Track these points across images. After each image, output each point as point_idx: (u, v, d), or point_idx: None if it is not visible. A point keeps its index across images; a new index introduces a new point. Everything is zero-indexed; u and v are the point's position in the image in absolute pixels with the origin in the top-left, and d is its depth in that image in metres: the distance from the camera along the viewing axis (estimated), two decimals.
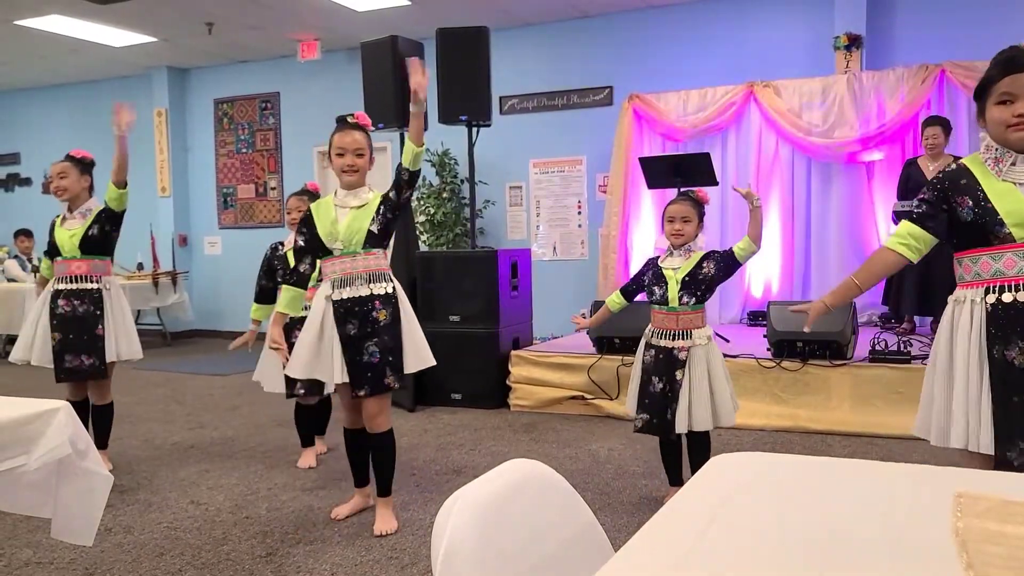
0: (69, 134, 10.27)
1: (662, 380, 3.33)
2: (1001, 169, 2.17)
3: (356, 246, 3.20)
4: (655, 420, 3.35)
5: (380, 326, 3.19)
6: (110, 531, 3.35)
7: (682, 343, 3.32)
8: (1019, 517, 1.12)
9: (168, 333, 9.50)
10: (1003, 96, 2.13)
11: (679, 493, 1.34)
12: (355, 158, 3.22)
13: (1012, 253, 2.14)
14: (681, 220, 3.35)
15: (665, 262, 3.41)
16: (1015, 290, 2.13)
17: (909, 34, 6.83)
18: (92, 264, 4.06)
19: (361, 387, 3.19)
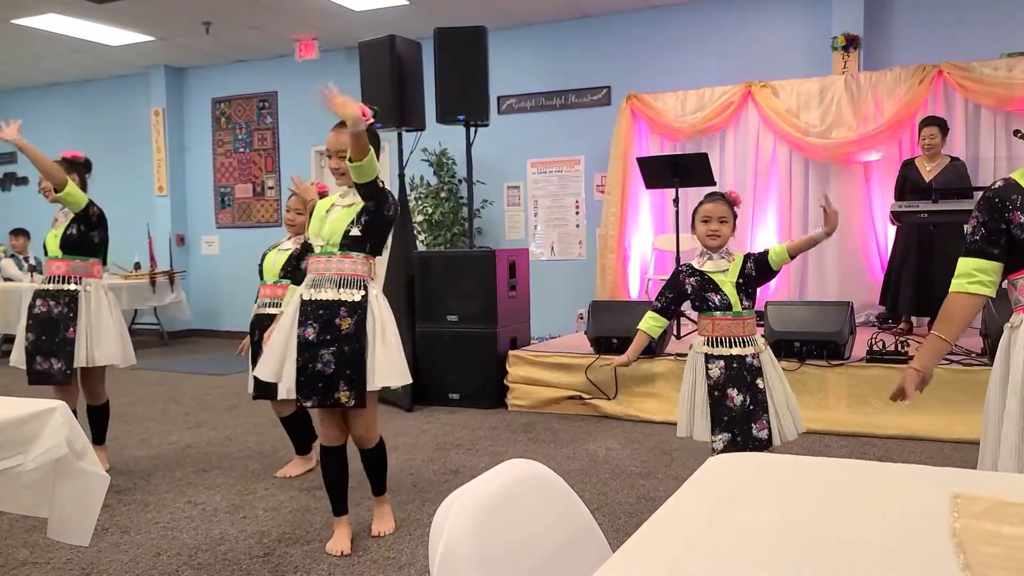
0: (66, 133, 10.25)
1: (742, 392, 3.02)
2: None
3: (333, 246, 3.02)
4: (740, 438, 3.02)
5: (340, 334, 2.95)
6: (107, 531, 3.34)
7: (751, 349, 3.07)
8: (1016, 518, 1.13)
9: (165, 333, 9.49)
10: None
11: (677, 493, 1.34)
12: (338, 160, 3.06)
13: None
14: (718, 220, 3.13)
15: (707, 266, 3.15)
16: None
17: (906, 35, 6.84)
18: (72, 265, 3.98)
19: (308, 397, 2.97)
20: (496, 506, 1.16)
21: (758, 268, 3.13)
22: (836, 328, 4.87)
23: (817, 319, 4.98)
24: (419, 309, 5.85)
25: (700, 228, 3.17)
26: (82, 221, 4.01)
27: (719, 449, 3.02)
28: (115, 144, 9.93)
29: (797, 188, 6.96)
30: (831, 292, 6.64)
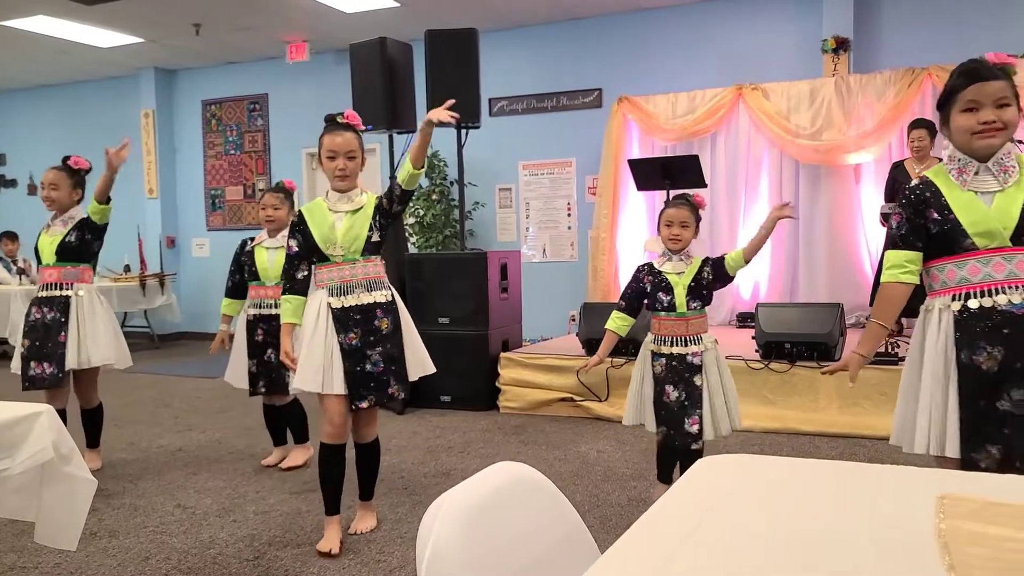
0: (55, 135, 10.21)
1: (678, 388, 3.23)
2: (965, 179, 2.23)
3: (355, 253, 3.11)
4: (673, 431, 3.25)
5: (383, 334, 3.13)
6: (95, 535, 3.32)
7: (694, 348, 3.26)
8: (1001, 518, 1.13)
9: (155, 335, 9.45)
10: (969, 104, 2.19)
11: (667, 495, 1.34)
12: (347, 161, 3.10)
13: (975, 260, 2.20)
14: (680, 225, 3.29)
15: (665, 267, 3.32)
16: (980, 296, 2.19)
17: (896, 38, 6.87)
18: (63, 271, 4.01)
19: (363, 398, 3.10)
20: (484, 509, 1.16)
21: (715, 272, 3.30)
22: (826, 329, 4.89)
23: (807, 321, 5.00)
24: (411, 311, 5.75)
25: (663, 231, 3.34)
26: (89, 230, 4.04)
27: (658, 440, 3.37)
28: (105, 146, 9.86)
29: (788, 190, 6.98)
30: (821, 294, 6.66)
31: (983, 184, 2.21)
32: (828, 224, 6.81)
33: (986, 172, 2.21)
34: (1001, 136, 2.19)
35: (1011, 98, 2.18)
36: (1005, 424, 2.16)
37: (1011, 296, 2.16)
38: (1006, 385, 2.16)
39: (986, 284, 2.18)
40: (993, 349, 2.16)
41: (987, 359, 2.17)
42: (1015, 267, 2.17)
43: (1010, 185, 2.19)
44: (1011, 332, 2.15)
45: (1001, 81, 2.18)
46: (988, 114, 2.17)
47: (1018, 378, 2.15)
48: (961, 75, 2.23)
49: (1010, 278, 2.17)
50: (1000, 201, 2.18)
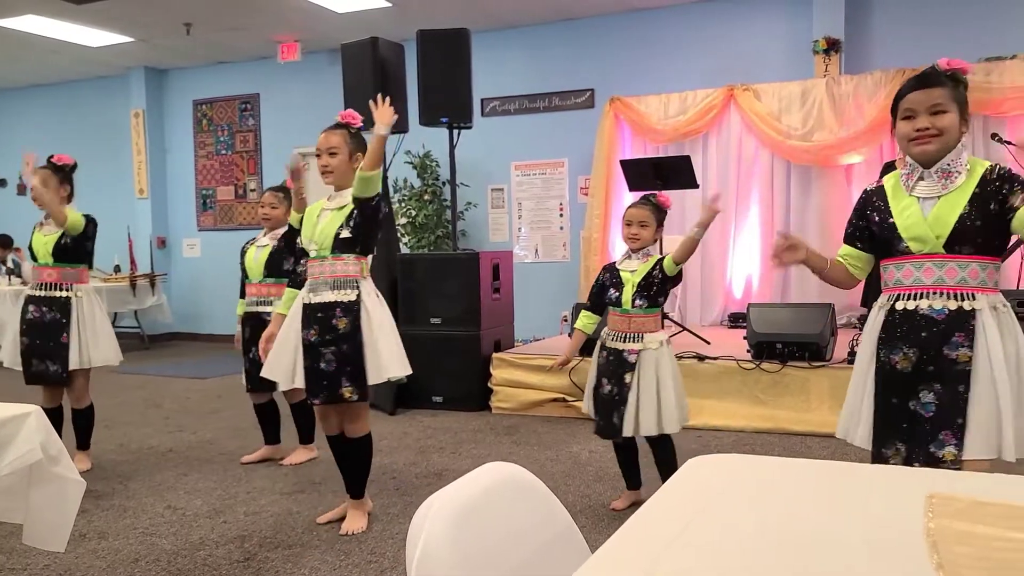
0: (45, 135, 10.15)
1: (611, 382, 3.33)
2: (910, 184, 2.29)
3: (326, 250, 3.19)
4: (603, 423, 3.37)
5: (339, 334, 3.13)
6: (84, 537, 3.31)
7: (632, 346, 3.31)
8: (990, 518, 1.13)
9: (146, 336, 9.41)
10: (906, 111, 2.25)
11: (656, 495, 1.34)
12: (328, 158, 3.20)
13: (910, 264, 2.26)
14: (639, 224, 3.34)
15: (622, 264, 3.41)
16: (907, 299, 2.26)
17: (887, 39, 6.89)
18: (63, 272, 4.09)
19: (315, 395, 3.18)
20: (474, 509, 1.16)
21: (662, 273, 3.33)
22: (818, 330, 4.90)
23: (799, 321, 5.01)
24: (402, 311, 5.83)
25: (624, 231, 3.42)
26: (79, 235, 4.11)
27: (593, 429, 3.49)
28: (95, 146, 9.84)
29: (779, 190, 7.00)
30: (813, 294, 6.67)
31: (925, 190, 2.26)
32: (819, 224, 6.83)
33: (929, 178, 2.25)
34: (936, 143, 2.20)
35: (948, 104, 2.19)
36: (912, 425, 2.24)
37: (933, 301, 2.22)
38: (918, 386, 2.23)
39: (915, 288, 2.25)
40: (909, 350, 2.24)
41: (902, 359, 2.25)
42: (944, 274, 2.21)
43: (951, 191, 2.21)
44: (928, 336, 2.21)
45: (940, 88, 2.20)
46: (922, 121, 2.20)
47: (928, 380, 2.22)
48: (907, 82, 2.29)
49: (937, 284, 2.22)
50: (938, 208, 2.21)
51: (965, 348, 2.18)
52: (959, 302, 2.20)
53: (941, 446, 2.20)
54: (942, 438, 2.20)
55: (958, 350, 2.19)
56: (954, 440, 2.19)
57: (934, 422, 2.20)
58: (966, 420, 2.17)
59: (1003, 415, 2.16)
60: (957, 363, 2.19)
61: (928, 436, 2.21)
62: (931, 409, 2.21)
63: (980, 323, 2.18)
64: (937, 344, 2.20)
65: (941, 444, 2.20)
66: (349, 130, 3.25)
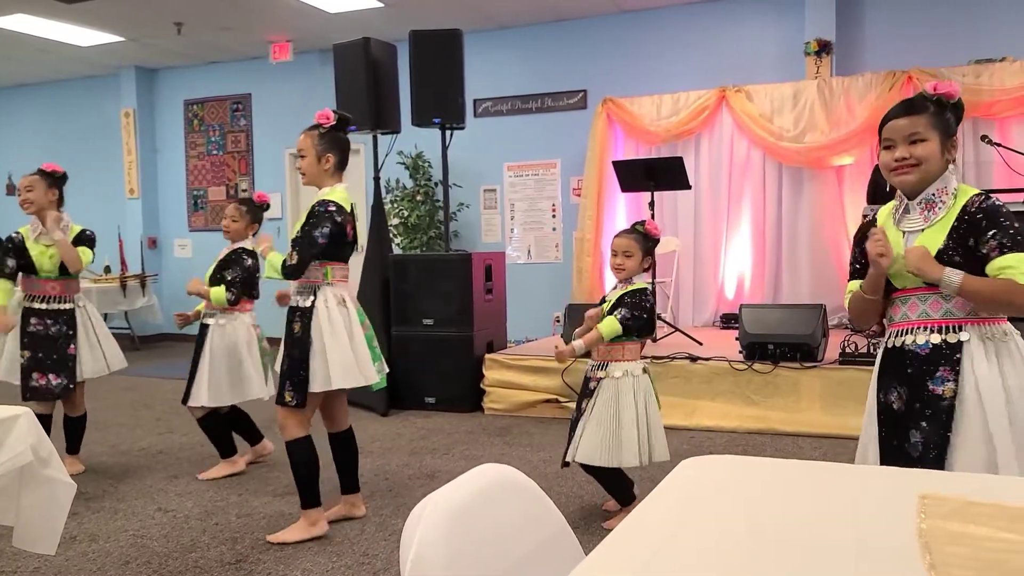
0: (35, 135, 10.12)
1: (577, 408, 3.39)
2: (896, 217, 2.21)
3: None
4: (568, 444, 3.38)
5: (292, 338, 3.17)
6: (75, 539, 3.29)
7: (598, 373, 3.30)
8: (981, 518, 1.14)
9: (136, 337, 9.37)
10: (886, 141, 2.18)
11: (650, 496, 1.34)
12: (300, 161, 3.24)
13: (898, 300, 2.21)
14: (623, 255, 3.30)
15: (609, 294, 3.44)
16: (895, 336, 2.20)
17: (877, 41, 6.93)
18: (66, 284, 4.10)
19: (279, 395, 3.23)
20: (467, 511, 1.16)
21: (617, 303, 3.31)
22: (809, 331, 4.92)
23: (790, 322, 5.03)
24: (395, 312, 5.82)
25: (610, 260, 3.39)
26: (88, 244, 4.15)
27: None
28: (85, 146, 9.80)
29: (771, 192, 7.02)
30: (804, 295, 6.70)
31: (909, 223, 2.17)
32: (811, 226, 6.85)
33: (912, 210, 2.16)
34: (915, 172, 2.11)
35: (928, 132, 2.10)
36: (907, 464, 2.09)
37: (917, 336, 2.14)
38: (908, 424, 2.15)
39: (903, 324, 2.18)
40: (900, 388, 2.17)
41: (896, 399, 2.18)
42: (928, 307, 2.14)
43: (932, 224, 2.12)
44: (913, 372, 2.14)
45: (920, 115, 2.11)
46: (900, 151, 2.12)
47: (917, 419, 2.13)
48: (890, 109, 2.21)
49: (922, 318, 2.14)
50: (917, 243, 2.12)
51: (950, 383, 2.08)
52: (943, 335, 2.11)
53: None
54: None
55: (943, 385, 2.09)
56: None
57: (921, 462, 2.09)
58: (946, 460, 2.06)
59: (998, 452, 2.01)
60: (942, 399, 2.09)
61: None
62: (918, 449, 2.12)
63: (968, 355, 2.07)
64: (922, 380, 2.12)
65: None
66: (319, 130, 3.21)
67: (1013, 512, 1.16)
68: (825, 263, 6.82)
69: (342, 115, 3.24)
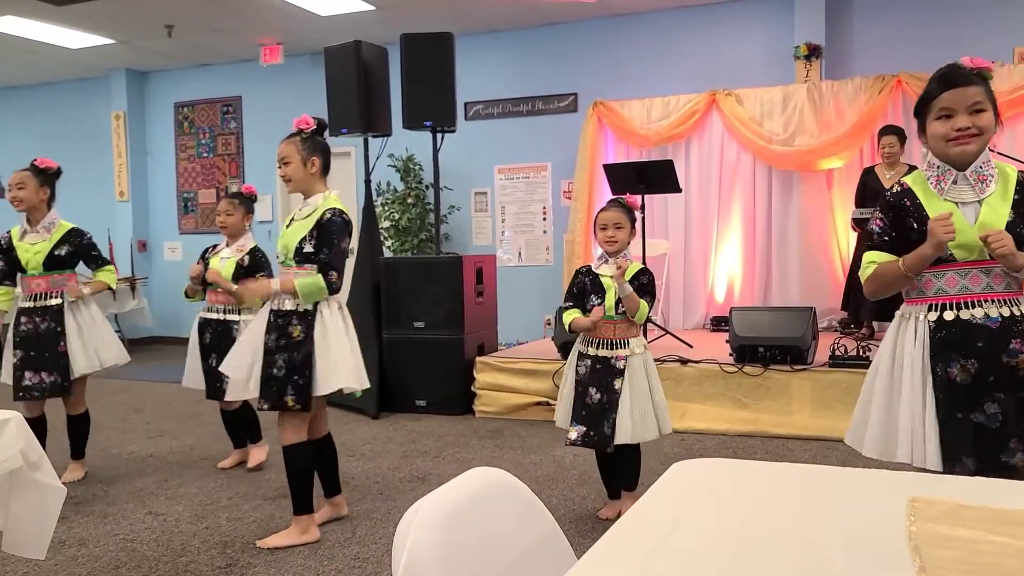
0: (24, 137, 10.06)
1: (600, 391, 3.25)
2: (943, 188, 2.20)
3: (290, 260, 3.19)
4: (592, 432, 3.25)
5: (291, 342, 3.13)
6: (64, 544, 3.27)
7: (620, 352, 3.25)
8: (971, 521, 1.15)
9: (126, 340, 9.29)
10: (943, 111, 2.16)
11: (641, 499, 1.34)
12: (284, 168, 3.20)
13: (954, 272, 2.18)
14: (614, 227, 3.27)
15: (602, 269, 3.33)
16: (956, 308, 2.17)
17: (867, 45, 6.97)
18: (51, 280, 4.03)
19: (265, 400, 3.16)
20: (459, 515, 1.16)
21: (640, 291, 3.27)
22: (799, 333, 4.94)
23: (781, 325, 5.04)
24: (385, 315, 5.81)
25: (599, 235, 3.34)
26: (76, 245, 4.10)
27: (572, 439, 3.29)
28: (74, 148, 9.74)
29: (761, 195, 7.05)
30: (794, 298, 6.72)
31: (961, 194, 2.17)
32: (801, 229, 6.88)
33: (964, 181, 2.18)
34: (976, 142, 2.14)
35: (986, 103, 2.14)
36: (979, 436, 2.16)
37: (987, 309, 2.15)
38: (980, 398, 2.16)
39: (963, 296, 2.17)
40: (967, 362, 2.16)
41: (961, 372, 2.16)
42: (992, 280, 2.16)
43: (989, 195, 2.16)
44: (984, 345, 2.15)
45: (976, 86, 2.14)
46: (962, 120, 2.12)
47: (991, 391, 2.15)
48: (935, 81, 2.19)
49: (987, 291, 2.16)
50: (983, 215, 2.15)
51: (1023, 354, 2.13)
52: (1010, 308, 2.15)
53: (1012, 454, 2.16)
54: (1012, 446, 2.16)
55: (1017, 356, 2.14)
56: (1023, 446, 2.16)
57: (1001, 432, 2.14)
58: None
59: None
60: (1018, 370, 2.14)
61: (997, 446, 2.16)
62: (997, 419, 2.14)
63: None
64: (995, 353, 2.14)
65: (1012, 452, 2.16)
66: (301, 136, 3.21)
67: (1003, 515, 1.17)
68: (815, 266, 6.84)
69: (320, 120, 3.27)
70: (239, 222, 4.20)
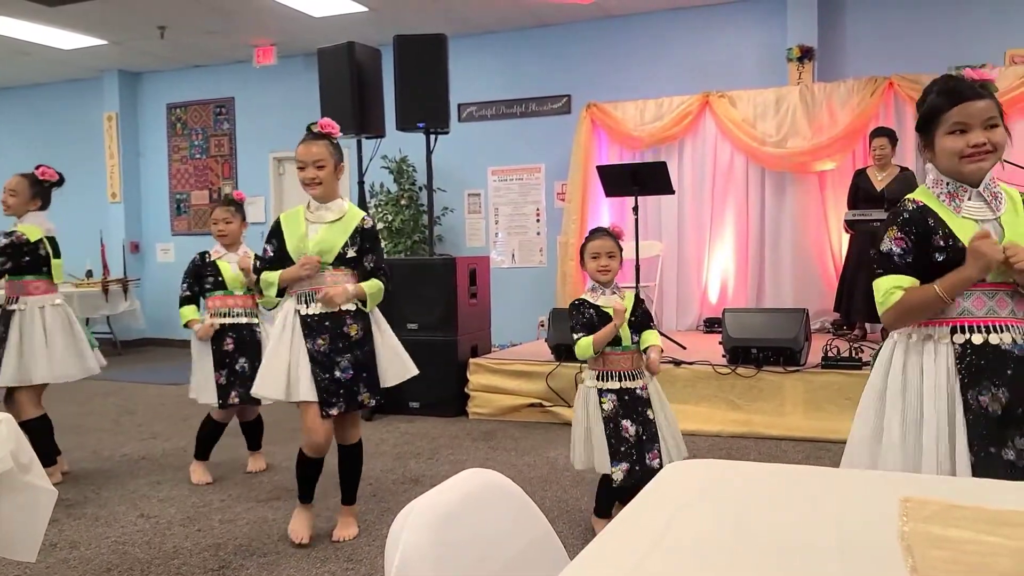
0: (15, 138, 10.02)
1: (635, 423, 3.14)
2: (959, 205, 2.04)
3: (325, 264, 3.13)
4: (637, 468, 3.09)
5: (352, 341, 3.14)
6: (55, 547, 3.25)
7: (641, 381, 3.20)
8: (963, 521, 1.15)
9: (118, 342, 9.29)
10: (956, 126, 2.01)
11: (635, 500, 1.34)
12: (315, 170, 3.12)
13: (981, 292, 2.02)
14: (607, 256, 3.22)
15: (600, 301, 3.22)
16: (986, 332, 2.01)
17: (859, 47, 6.99)
18: (12, 285, 4.00)
19: (333, 406, 3.09)
20: (452, 516, 1.16)
21: (642, 320, 3.27)
22: (792, 335, 4.95)
23: (773, 326, 5.05)
24: None
25: (590, 264, 3.27)
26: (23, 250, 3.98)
27: (619, 480, 3.10)
28: (67, 149, 9.70)
29: (754, 197, 7.07)
30: (787, 299, 6.74)
31: (977, 211, 2.04)
32: (793, 231, 6.90)
33: (978, 198, 2.04)
34: (991, 159, 2.01)
35: (998, 118, 2.01)
36: (1009, 475, 1.95)
37: (1015, 335, 2.01)
38: (1010, 431, 2.00)
39: (991, 320, 2.01)
40: (998, 391, 1.99)
41: (992, 401, 1.99)
42: (1016, 305, 2.03)
43: (1005, 213, 2.04)
44: (1014, 373, 1.99)
45: (986, 100, 2.00)
46: (978, 136, 1.99)
47: (1020, 425, 1.99)
48: (943, 94, 2.04)
49: (1011, 317, 2.02)
50: (1008, 233, 2.01)
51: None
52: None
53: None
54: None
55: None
56: None
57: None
58: None
59: None
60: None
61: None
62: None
63: None
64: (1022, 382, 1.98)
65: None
66: (331, 140, 3.20)
67: (995, 515, 1.18)
68: (808, 267, 6.86)
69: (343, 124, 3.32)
70: (238, 230, 4.18)
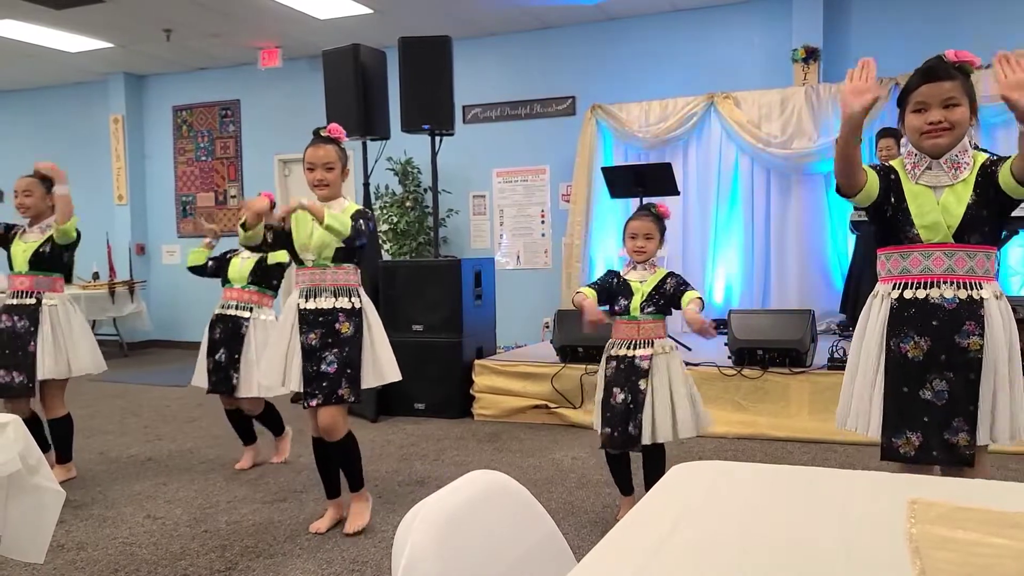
0: (22, 141, 10.05)
1: (624, 391, 3.22)
2: (916, 173, 2.30)
3: (326, 260, 3.25)
4: (616, 433, 3.21)
5: (341, 338, 3.22)
6: (63, 548, 3.26)
7: (643, 351, 3.22)
8: (970, 523, 1.15)
9: (125, 344, 9.32)
10: (918, 104, 2.25)
11: (642, 502, 1.34)
12: (324, 172, 3.24)
13: (919, 253, 2.28)
14: (644, 237, 3.28)
15: (629, 275, 3.33)
16: (916, 287, 2.27)
17: (865, 48, 6.97)
18: (36, 280, 4.02)
19: (312, 396, 3.22)
20: (459, 518, 1.16)
21: (675, 290, 3.26)
22: (798, 336, 4.94)
23: (779, 327, 5.04)
24: (384, 319, 5.73)
25: (628, 243, 3.36)
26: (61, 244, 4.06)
27: (602, 443, 3.31)
28: (73, 152, 9.73)
29: (759, 198, 7.06)
30: (793, 300, 6.73)
31: (933, 179, 2.28)
32: (799, 232, 6.89)
33: (938, 168, 2.28)
34: (947, 136, 2.22)
35: (961, 98, 2.21)
36: (926, 413, 2.25)
37: (944, 291, 2.24)
38: (930, 375, 2.25)
39: (924, 276, 2.27)
40: (921, 339, 2.25)
41: (913, 348, 2.26)
42: (954, 263, 2.25)
43: (959, 182, 2.25)
44: (939, 324, 2.24)
45: (952, 81, 2.21)
46: (935, 115, 2.21)
47: (941, 369, 2.24)
48: (916, 74, 2.28)
49: (947, 273, 2.25)
50: (946, 197, 2.25)
51: (976, 337, 2.21)
52: (968, 291, 2.23)
53: (955, 432, 2.24)
54: (955, 425, 2.24)
55: (969, 338, 2.22)
56: (967, 427, 2.23)
57: (947, 409, 2.23)
58: (977, 407, 2.21)
59: (998, 401, 2.22)
60: (968, 351, 2.22)
61: (941, 424, 2.24)
62: (944, 397, 2.24)
63: (987, 312, 2.22)
64: (948, 333, 2.23)
65: (955, 431, 2.24)
66: (338, 144, 3.30)
67: (1002, 517, 1.17)
68: (813, 268, 6.85)
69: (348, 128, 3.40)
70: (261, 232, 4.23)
